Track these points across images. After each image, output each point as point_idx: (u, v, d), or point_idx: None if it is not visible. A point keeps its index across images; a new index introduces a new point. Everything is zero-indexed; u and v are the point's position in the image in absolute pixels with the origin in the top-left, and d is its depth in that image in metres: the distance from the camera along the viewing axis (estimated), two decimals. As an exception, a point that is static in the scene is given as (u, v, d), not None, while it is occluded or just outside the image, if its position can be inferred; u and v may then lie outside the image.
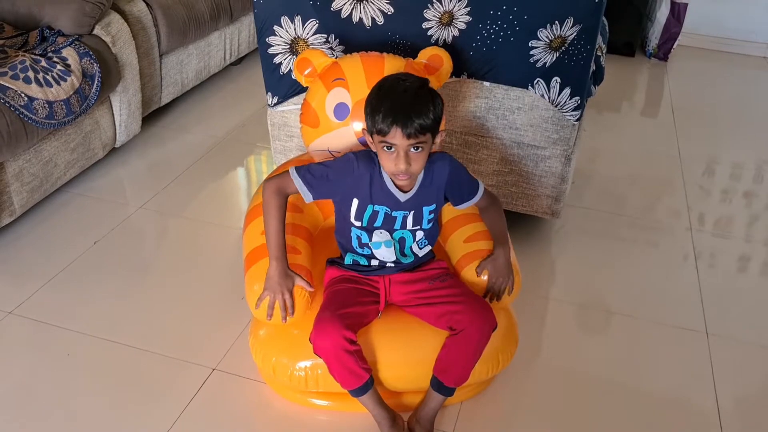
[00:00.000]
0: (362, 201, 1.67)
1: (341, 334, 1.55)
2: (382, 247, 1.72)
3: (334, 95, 1.83)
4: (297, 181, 1.64)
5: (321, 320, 1.60)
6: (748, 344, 2.11)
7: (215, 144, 3.12)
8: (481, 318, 1.62)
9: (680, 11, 4.33)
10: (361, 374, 1.61)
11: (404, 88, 1.56)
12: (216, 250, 2.42)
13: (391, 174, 1.59)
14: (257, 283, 1.66)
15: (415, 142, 1.52)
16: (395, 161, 1.54)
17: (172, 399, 1.81)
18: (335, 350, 1.56)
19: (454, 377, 1.66)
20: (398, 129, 1.50)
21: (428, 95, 1.57)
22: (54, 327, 2.03)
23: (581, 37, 2.02)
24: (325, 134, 1.86)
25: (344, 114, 1.82)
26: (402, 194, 1.66)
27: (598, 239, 2.59)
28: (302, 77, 1.92)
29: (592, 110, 3.50)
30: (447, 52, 1.93)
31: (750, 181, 3.12)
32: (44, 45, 2.50)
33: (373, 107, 1.56)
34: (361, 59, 1.87)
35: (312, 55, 1.90)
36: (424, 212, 1.70)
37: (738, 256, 2.57)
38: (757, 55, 4.67)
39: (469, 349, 1.63)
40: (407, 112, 1.51)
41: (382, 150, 1.56)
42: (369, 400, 1.66)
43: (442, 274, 1.75)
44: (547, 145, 2.24)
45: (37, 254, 2.34)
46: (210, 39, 3.49)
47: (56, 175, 2.53)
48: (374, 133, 1.56)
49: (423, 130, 1.52)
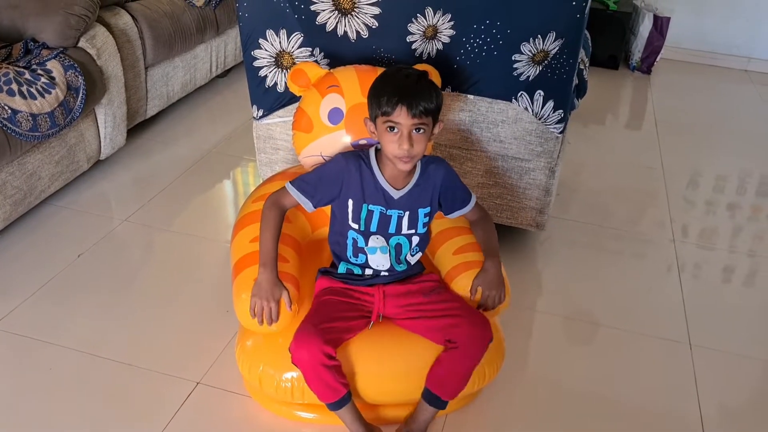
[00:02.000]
0: (356, 201, 1.69)
1: (320, 349, 1.55)
2: (378, 252, 1.73)
3: (329, 101, 1.87)
4: (294, 192, 1.69)
5: (302, 332, 1.60)
6: (732, 354, 2.12)
7: (201, 156, 3.11)
8: (479, 332, 1.63)
9: (663, 25, 4.39)
10: (338, 388, 1.61)
11: (406, 73, 1.65)
12: (202, 263, 2.41)
13: (394, 157, 1.62)
14: (245, 291, 1.65)
15: (418, 122, 1.58)
16: (399, 141, 1.59)
17: (157, 413, 1.80)
18: (312, 363, 1.57)
19: (450, 390, 1.66)
20: (403, 107, 1.56)
21: (430, 83, 1.65)
22: (36, 341, 2.01)
23: (564, 50, 2.05)
24: (319, 138, 1.89)
25: (338, 118, 1.86)
26: (395, 191, 1.69)
27: (583, 251, 2.61)
28: (296, 87, 1.95)
29: (576, 123, 3.53)
30: (436, 70, 1.96)
31: (733, 193, 3.15)
32: (28, 57, 2.49)
33: (377, 92, 1.62)
34: (355, 70, 1.92)
35: (306, 67, 1.94)
36: (419, 215, 1.72)
37: (721, 268, 2.59)
38: (738, 68, 4.74)
39: (466, 363, 1.64)
40: (412, 93, 1.58)
41: (386, 132, 1.60)
42: (346, 415, 1.66)
43: (436, 287, 1.76)
44: (531, 157, 2.26)
45: (20, 268, 2.32)
46: (196, 51, 3.49)
47: (40, 188, 2.52)
48: (379, 115, 1.60)
49: (427, 112, 1.59)
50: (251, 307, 1.62)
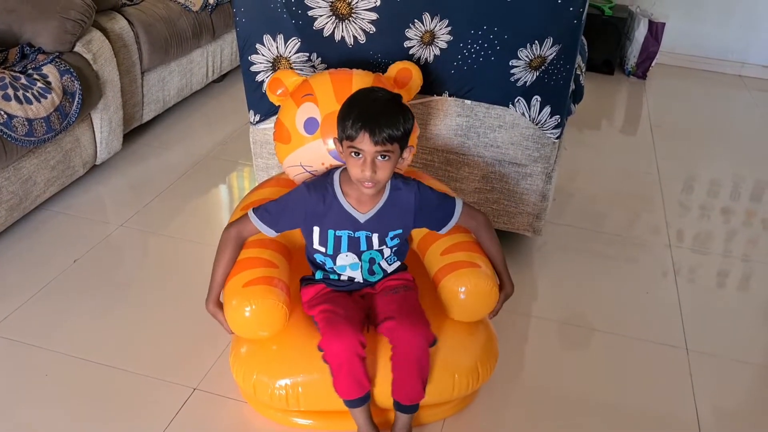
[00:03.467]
0: (322, 229, 1.69)
1: (356, 338, 1.57)
2: (347, 269, 1.73)
3: (304, 110, 1.85)
4: (255, 221, 1.68)
5: (331, 326, 1.60)
6: (728, 359, 2.13)
7: (197, 161, 3.11)
8: (409, 333, 1.60)
9: (658, 30, 4.41)
10: (365, 384, 1.61)
11: (375, 97, 1.60)
12: (198, 268, 2.39)
13: (357, 180, 1.59)
14: (235, 298, 1.65)
15: (382, 149, 1.54)
16: (362, 167, 1.56)
17: (153, 419, 1.79)
18: (348, 355, 1.57)
19: (405, 394, 1.65)
20: (366, 134, 1.52)
21: (399, 108, 1.59)
22: (32, 347, 2.00)
23: (560, 56, 2.05)
24: (297, 149, 1.87)
25: (314, 128, 1.84)
26: (361, 215, 1.67)
27: (579, 256, 2.61)
28: (275, 97, 1.94)
29: (572, 128, 3.53)
30: (417, 66, 1.95)
31: (727, 198, 3.16)
32: (24, 62, 2.48)
33: (343, 114, 1.58)
34: (329, 76, 1.90)
35: (283, 75, 1.93)
36: (388, 235, 1.71)
37: (717, 272, 2.60)
38: (732, 73, 4.76)
39: (408, 366, 1.62)
40: (376, 118, 1.53)
41: (350, 156, 1.58)
42: (361, 414, 1.66)
43: (399, 286, 1.75)
44: (528, 162, 2.26)
45: (15, 273, 2.31)
46: (192, 56, 3.49)
47: (36, 193, 2.51)
48: (343, 139, 1.58)
49: (391, 140, 1.54)
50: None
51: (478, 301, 1.73)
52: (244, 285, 1.66)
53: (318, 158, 1.84)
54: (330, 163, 1.81)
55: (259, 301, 1.63)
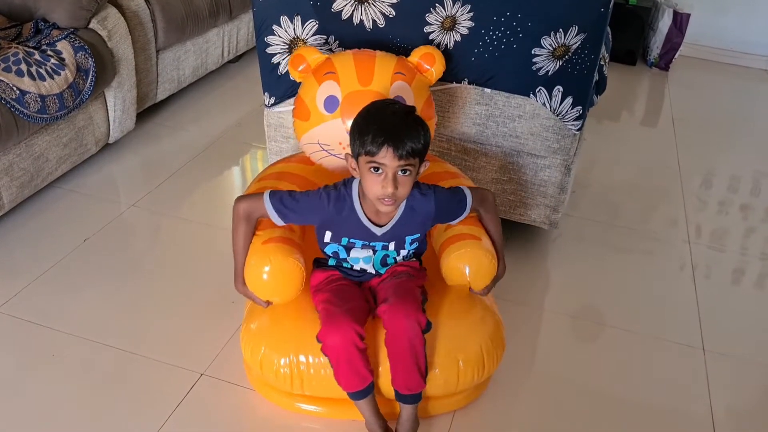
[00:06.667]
0: (336, 234, 1.67)
1: (353, 328, 1.54)
2: (360, 262, 1.71)
3: (325, 88, 1.84)
4: (268, 206, 1.63)
5: (329, 317, 1.58)
6: (745, 360, 2.08)
7: (210, 142, 3.08)
8: (400, 315, 1.57)
9: (683, 22, 4.32)
10: (366, 376, 1.60)
11: (393, 110, 1.55)
12: (208, 251, 2.38)
13: (376, 198, 1.54)
14: (254, 256, 1.66)
15: (404, 164, 1.50)
16: (383, 183, 1.51)
17: (159, 403, 1.78)
18: (346, 346, 1.55)
19: (402, 382, 1.62)
20: (389, 149, 1.47)
21: (417, 120, 1.55)
22: (40, 326, 1.99)
23: (585, 46, 2.00)
24: (315, 127, 1.86)
25: (334, 106, 1.82)
26: (378, 228, 1.64)
27: (594, 249, 2.56)
28: (297, 73, 1.92)
29: (591, 118, 3.46)
30: (440, 52, 1.92)
31: (748, 194, 3.10)
32: (38, 37, 2.45)
33: (361, 129, 1.53)
34: (353, 55, 1.88)
35: (306, 52, 1.92)
36: (406, 240, 1.69)
37: (735, 270, 2.55)
38: (757, 67, 4.66)
39: (400, 349, 1.58)
40: (398, 133, 1.49)
41: (369, 173, 1.52)
42: (366, 406, 1.64)
43: (403, 272, 1.71)
44: (547, 154, 2.21)
45: (25, 251, 2.30)
46: (208, 36, 3.45)
47: (47, 171, 2.49)
48: (362, 154, 1.52)
49: (414, 153, 1.50)
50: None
51: (478, 271, 1.72)
52: (264, 242, 1.66)
53: (336, 137, 1.82)
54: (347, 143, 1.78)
55: (279, 259, 1.63)
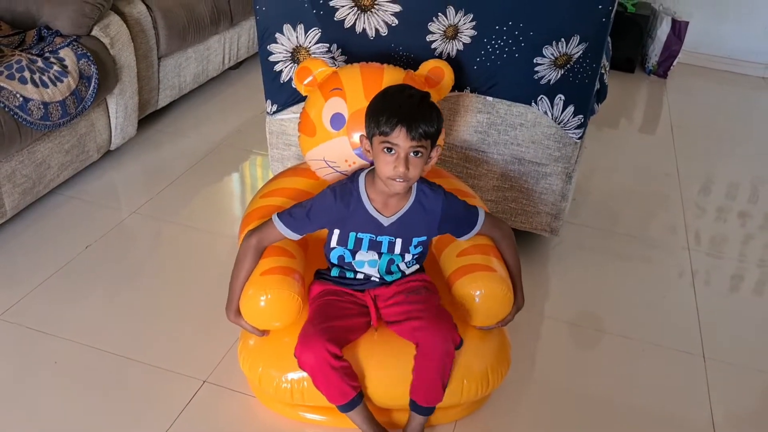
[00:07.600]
0: (343, 230, 1.67)
1: (324, 347, 1.54)
2: (366, 266, 1.71)
3: (331, 105, 1.81)
4: (280, 226, 1.64)
5: (304, 335, 1.59)
6: (745, 367, 2.09)
7: (211, 149, 3.08)
8: (439, 334, 1.58)
9: (681, 29, 4.34)
10: (347, 391, 1.60)
11: (409, 94, 1.59)
12: (210, 258, 2.38)
13: (388, 178, 1.56)
14: (252, 287, 1.64)
15: (417, 145, 1.52)
16: (395, 163, 1.53)
17: (162, 411, 1.77)
18: (319, 364, 1.55)
19: (423, 396, 1.63)
20: (403, 129, 1.51)
21: (431, 105, 1.58)
22: (42, 334, 1.99)
23: (587, 55, 2.01)
24: (321, 144, 1.84)
25: (340, 124, 1.80)
26: (385, 218, 1.65)
27: (595, 256, 2.57)
28: (302, 86, 1.90)
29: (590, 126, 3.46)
30: (449, 65, 1.91)
31: (745, 201, 3.11)
32: (41, 45, 2.46)
33: (376, 110, 1.56)
34: (360, 69, 1.85)
35: (313, 65, 1.89)
36: (412, 242, 1.69)
37: (735, 276, 2.56)
38: (755, 75, 4.68)
39: (431, 366, 1.60)
40: (412, 114, 1.52)
41: (382, 153, 1.55)
42: (357, 416, 1.65)
43: (421, 287, 1.72)
44: (548, 162, 2.22)
45: (27, 257, 2.30)
46: (209, 43, 3.46)
47: (49, 177, 2.49)
48: (376, 134, 1.55)
49: (426, 135, 1.53)
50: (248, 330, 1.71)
51: (492, 306, 1.70)
52: (262, 273, 1.65)
53: (342, 155, 1.80)
54: (354, 161, 1.78)
55: (275, 291, 1.62)
